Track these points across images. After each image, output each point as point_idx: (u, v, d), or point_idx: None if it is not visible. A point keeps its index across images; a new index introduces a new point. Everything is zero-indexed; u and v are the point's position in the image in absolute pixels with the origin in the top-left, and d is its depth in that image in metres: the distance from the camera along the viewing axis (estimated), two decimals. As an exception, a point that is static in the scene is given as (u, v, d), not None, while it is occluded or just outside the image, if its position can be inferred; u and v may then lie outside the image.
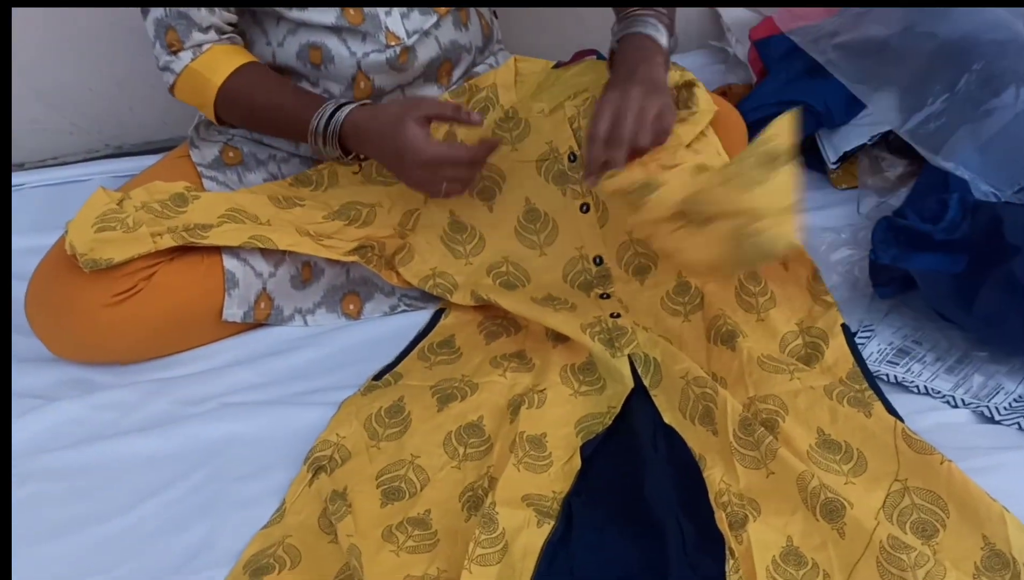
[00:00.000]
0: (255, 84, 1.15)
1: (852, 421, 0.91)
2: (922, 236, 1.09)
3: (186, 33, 1.13)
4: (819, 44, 1.32)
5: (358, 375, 1.10)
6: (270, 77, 1.16)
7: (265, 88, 1.15)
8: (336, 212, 1.18)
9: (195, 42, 1.14)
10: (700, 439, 0.94)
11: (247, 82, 1.15)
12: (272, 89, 1.15)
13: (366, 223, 1.15)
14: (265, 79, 1.16)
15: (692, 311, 1.08)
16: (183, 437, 1.04)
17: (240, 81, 1.14)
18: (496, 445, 0.97)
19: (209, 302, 1.13)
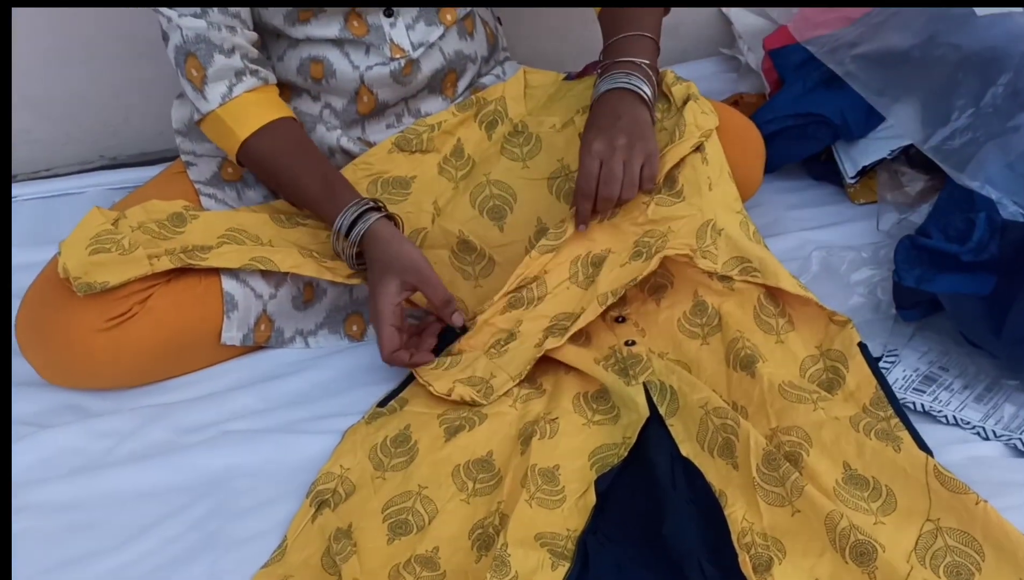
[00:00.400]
0: (280, 152, 1.10)
1: (880, 456, 0.87)
2: (948, 257, 1.06)
3: (207, 58, 1.07)
4: (837, 54, 1.28)
5: (362, 400, 1.07)
6: (298, 145, 1.11)
7: (290, 160, 1.10)
8: None
9: (220, 72, 1.07)
10: (720, 473, 0.91)
11: (272, 147, 1.10)
12: (298, 163, 1.10)
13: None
14: (292, 147, 1.10)
15: (710, 334, 1.04)
16: (182, 468, 1.00)
17: (265, 143, 1.09)
18: (507, 479, 0.93)
19: (207, 325, 1.09)
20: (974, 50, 1.18)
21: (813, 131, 1.30)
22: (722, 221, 1.04)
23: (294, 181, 1.10)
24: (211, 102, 1.08)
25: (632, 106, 1.06)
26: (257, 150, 1.10)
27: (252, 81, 1.09)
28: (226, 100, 1.08)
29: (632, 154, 1.02)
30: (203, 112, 1.10)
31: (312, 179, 1.09)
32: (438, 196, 1.16)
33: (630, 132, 1.03)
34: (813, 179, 1.36)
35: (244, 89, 1.08)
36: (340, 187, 1.09)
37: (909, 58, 1.22)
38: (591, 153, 1.03)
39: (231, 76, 1.08)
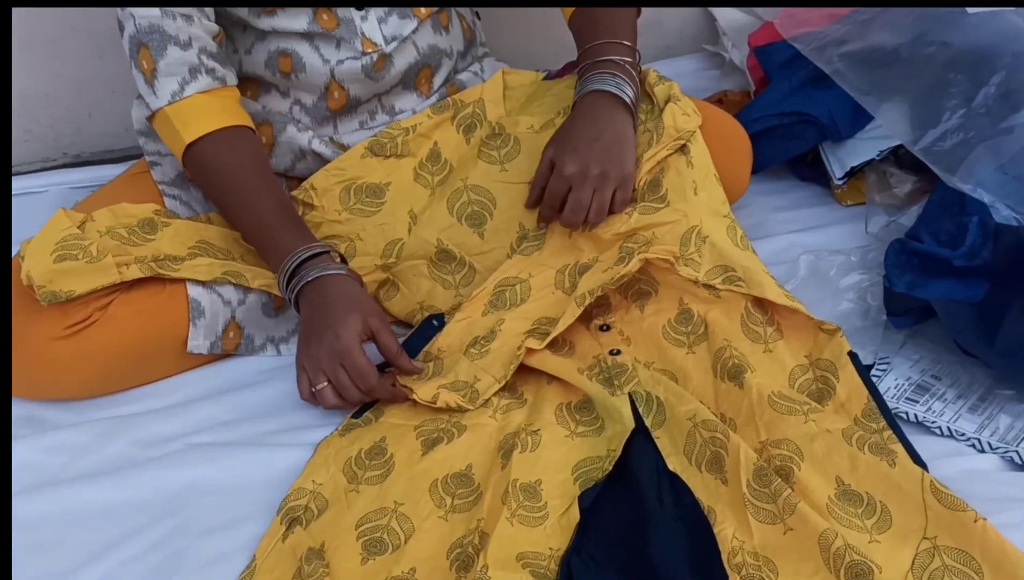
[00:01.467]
0: (226, 166, 1.02)
1: (874, 470, 0.84)
2: (939, 261, 1.03)
3: (160, 50, 1.01)
4: (824, 52, 1.25)
5: (335, 412, 1.02)
6: (250, 161, 1.03)
7: (236, 179, 1.02)
8: None
9: (173, 66, 1.01)
10: (708, 489, 0.87)
11: (217, 158, 1.02)
12: (245, 184, 1.02)
13: (346, 258, 1.06)
14: (241, 162, 1.03)
15: (696, 342, 1.00)
16: (143, 484, 0.95)
17: (210, 152, 1.02)
18: (487, 494, 0.89)
19: (172, 333, 1.04)
20: (965, 49, 1.15)
21: (800, 131, 1.27)
22: (708, 227, 1.01)
23: (237, 202, 1.03)
24: (160, 98, 1.02)
25: (615, 117, 1.03)
26: (201, 158, 1.02)
27: (207, 81, 1.02)
28: (176, 98, 1.02)
29: (605, 183, 1.00)
30: (152, 108, 1.03)
31: (262, 205, 1.02)
32: (414, 204, 1.11)
33: (606, 158, 1.00)
34: (799, 180, 1.33)
35: (197, 89, 1.02)
36: (293, 221, 1.02)
37: (898, 57, 1.19)
38: (562, 175, 1.00)
39: (184, 72, 1.02)
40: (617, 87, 1.03)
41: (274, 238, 1.01)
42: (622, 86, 1.03)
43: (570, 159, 1.00)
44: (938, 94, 1.14)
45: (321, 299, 0.97)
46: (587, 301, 0.99)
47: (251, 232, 1.05)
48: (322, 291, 0.98)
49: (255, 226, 1.03)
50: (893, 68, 1.19)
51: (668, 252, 0.99)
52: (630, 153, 1.02)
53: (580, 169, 0.99)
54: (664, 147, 1.02)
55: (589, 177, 0.99)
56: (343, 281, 0.99)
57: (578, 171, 0.99)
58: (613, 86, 1.03)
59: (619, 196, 1.01)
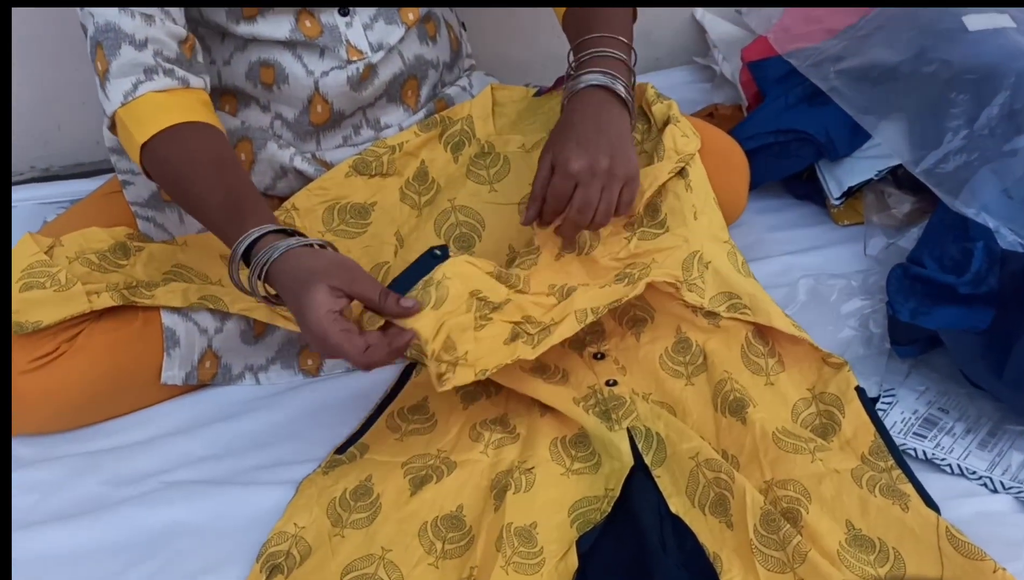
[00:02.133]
0: (183, 160, 0.91)
1: (886, 514, 0.80)
2: (944, 288, 1.00)
3: (113, 50, 0.91)
4: (821, 69, 1.22)
5: (319, 445, 0.98)
6: (208, 153, 0.92)
7: (193, 170, 0.91)
8: None
9: (126, 66, 0.92)
10: (713, 533, 0.83)
11: (174, 155, 0.91)
12: (202, 175, 0.91)
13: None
14: (199, 156, 0.92)
15: (695, 373, 0.96)
16: (116, 525, 0.90)
17: (164, 150, 0.91)
18: (480, 539, 0.84)
19: (145, 364, 1.00)
20: (966, 67, 1.12)
21: (796, 149, 1.24)
22: (709, 253, 0.97)
23: (196, 196, 0.91)
24: (112, 101, 0.92)
25: (613, 113, 0.95)
26: (154, 158, 0.91)
27: (165, 81, 0.92)
28: (128, 99, 0.91)
29: (612, 180, 0.92)
30: (107, 113, 0.93)
31: (214, 193, 0.90)
32: (400, 225, 1.07)
33: (613, 152, 0.92)
34: (794, 198, 1.30)
35: (152, 88, 0.91)
36: (247, 205, 0.89)
37: (897, 74, 1.16)
38: (567, 171, 0.91)
39: (138, 72, 0.92)
40: (612, 83, 0.95)
41: (225, 233, 0.90)
42: (616, 82, 0.95)
43: (575, 154, 0.91)
44: (939, 114, 1.11)
45: (282, 288, 0.86)
46: (588, 318, 0.93)
47: (207, 222, 0.93)
48: (278, 280, 0.86)
49: (209, 214, 0.92)
50: (892, 86, 1.16)
51: (671, 276, 0.95)
52: (633, 150, 0.95)
53: (587, 163, 0.90)
54: (665, 169, 0.98)
55: (598, 172, 0.90)
56: (290, 259, 0.85)
57: (585, 166, 0.90)
58: (608, 82, 0.95)
59: (626, 195, 0.93)
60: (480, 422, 0.97)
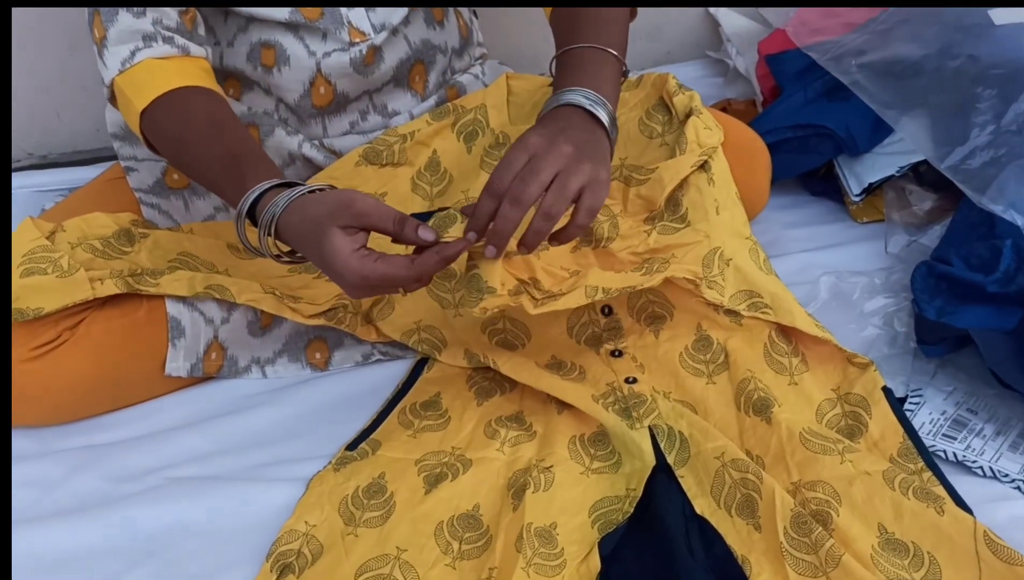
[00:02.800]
0: (184, 124, 0.88)
1: (921, 519, 0.78)
2: (971, 287, 0.97)
3: (111, 16, 0.89)
4: (842, 62, 1.19)
5: (328, 441, 0.94)
6: (209, 116, 0.89)
7: (195, 133, 0.87)
8: (304, 266, 1.01)
9: (124, 33, 0.89)
10: (741, 536, 0.80)
11: (175, 118, 0.88)
12: (203, 136, 0.87)
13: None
14: (200, 118, 0.88)
15: (716, 372, 0.94)
16: (117, 524, 0.86)
17: (163, 113, 0.88)
18: (498, 540, 0.81)
19: (149, 354, 0.96)
20: (993, 63, 1.09)
21: (815, 144, 1.21)
22: (730, 249, 0.94)
23: (196, 157, 0.88)
24: (110, 69, 0.89)
25: (594, 135, 0.83)
26: (157, 123, 0.88)
27: (164, 48, 0.90)
28: (126, 66, 0.89)
29: (575, 168, 0.78)
30: (106, 83, 0.90)
31: (213, 152, 0.86)
32: None
33: (583, 146, 0.80)
34: (811, 195, 1.27)
35: (150, 55, 0.89)
36: (248, 162, 0.84)
37: (922, 69, 1.14)
38: (523, 144, 0.79)
39: (137, 40, 0.89)
40: (593, 106, 0.83)
41: (227, 193, 0.86)
42: (598, 107, 0.84)
43: (535, 131, 0.80)
44: (965, 109, 1.08)
45: (297, 244, 0.82)
46: (598, 295, 0.87)
47: (211, 184, 0.89)
48: (290, 236, 0.81)
49: (210, 184, 0.89)
50: (916, 81, 1.13)
51: (691, 272, 0.92)
52: (607, 164, 0.82)
53: (548, 140, 0.78)
54: (687, 162, 0.95)
55: (559, 152, 0.78)
56: (294, 212, 0.80)
57: (545, 141, 0.78)
58: (589, 105, 0.84)
59: (587, 198, 0.78)
60: (495, 419, 0.94)
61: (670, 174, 0.96)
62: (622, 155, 1.00)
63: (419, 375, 1.01)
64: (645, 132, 1.01)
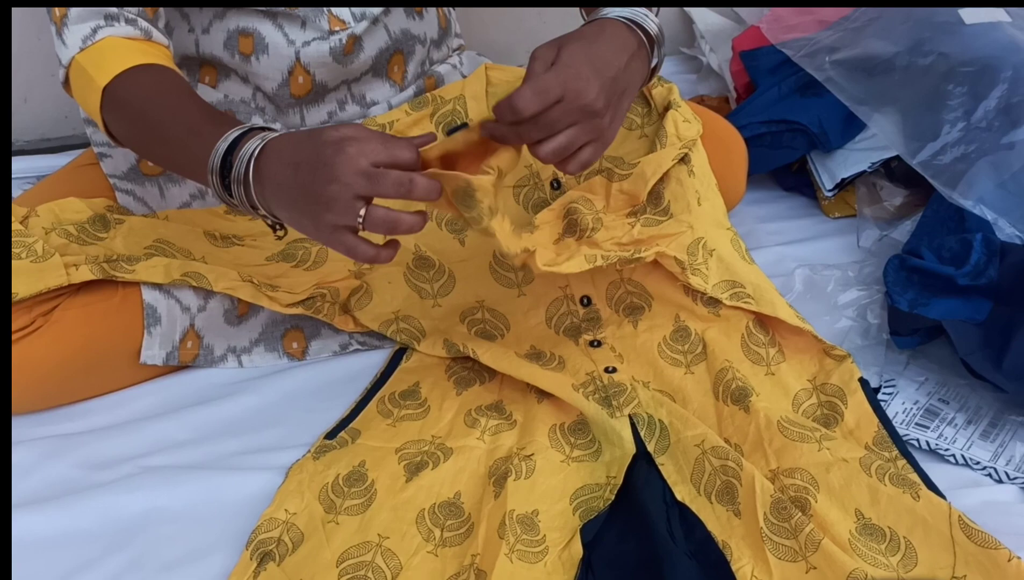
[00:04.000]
0: (145, 97, 0.84)
1: (897, 503, 0.79)
2: (942, 279, 0.99)
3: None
4: (815, 59, 1.21)
5: (307, 430, 0.94)
6: (171, 87, 0.85)
7: (156, 103, 0.83)
8: (281, 252, 1.00)
9: (86, 12, 0.86)
10: (721, 521, 0.81)
11: (135, 93, 0.84)
12: (166, 105, 0.83)
13: (316, 264, 0.97)
14: (163, 89, 0.84)
15: (694, 362, 0.94)
16: (91, 512, 0.85)
17: (126, 89, 0.84)
18: (480, 527, 0.81)
19: (123, 341, 0.95)
20: (963, 60, 1.11)
21: (788, 140, 1.22)
22: (712, 239, 0.95)
23: (159, 124, 0.83)
24: (70, 47, 0.86)
25: (636, 63, 0.80)
26: (118, 100, 0.84)
27: (126, 29, 0.87)
28: (87, 44, 0.85)
29: (590, 128, 0.76)
30: (64, 63, 0.87)
31: (178, 117, 0.81)
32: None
33: (612, 85, 0.76)
34: (784, 190, 1.29)
35: (113, 34, 0.86)
36: (216, 119, 0.80)
37: (893, 66, 1.16)
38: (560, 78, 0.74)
39: (98, 18, 0.86)
40: (643, 19, 0.81)
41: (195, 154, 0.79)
42: (647, 19, 0.81)
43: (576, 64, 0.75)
44: (936, 106, 1.10)
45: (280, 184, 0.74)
46: (597, 262, 0.87)
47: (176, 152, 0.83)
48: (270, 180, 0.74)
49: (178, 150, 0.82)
50: (888, 77, 1.16)
51: (680, 254, 0.93)
52: (632, 94, 0.81)
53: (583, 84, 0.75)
54: (668, 156, 0.96)
55: (585, 102, 0.75)
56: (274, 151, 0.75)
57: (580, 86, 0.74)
58: (640, 18, 0.80)
59: (584, 153, 0.78)
60: (475, 408, 0.94)
61: (652, 168, 0.96)
62: None
63: (398, 365, 1.00)
64: (624, 124, 1.02)
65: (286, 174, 0.74)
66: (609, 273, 0.99)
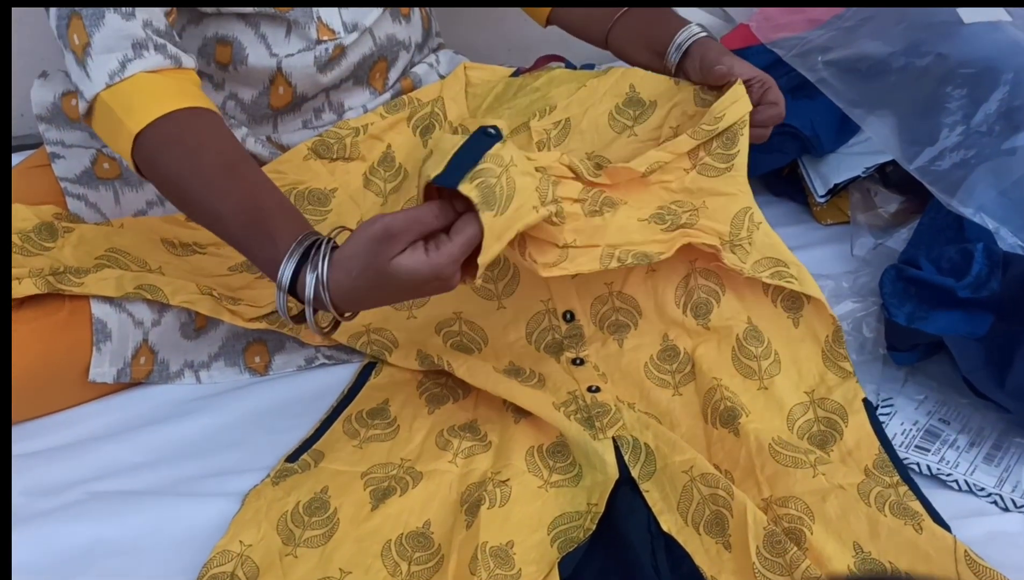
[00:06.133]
0: (190, 166, 0.77)
1: (898, 536, 0.74)
2: (941, 291, 0.94)
3: (95, 20, 0.79)
4: (808, 59, 1.15)
5: (267, 452, 0.88)
6: (215, 156, 0.79)
7: (205, 178, 0.77)
8: (245, 262, 0.94)
9: (112, 40, 0.79)
10: (710, 555, 0.76)
11: (178, 155, 0.78)
12: (215, 185, 0.77)
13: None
14: (206, 160, 0.78)
15: (683, 382, 0.89)
16: (35, 543, 0.79)
17: (165, 146, 0.78)
18: (451, 561, 0.76)
19: (71, 358, 0.89)
20: (962, 62, 1.06)
21: (779, 143, 1.17)
22: (759, 213, 0.89)
23: (208, 211, 0.78)
24: (95, 82, 0.79)
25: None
26: (155, 157, 0.79)
27: (156, 59, 0.80)
28: (115, 80, 0.79)
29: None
30: (87, 98, 0.81)
31: (232, 206, 0.76)
32: (364, 213, 0.98)
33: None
34: (773, 195, 1.24)
35: (143, 68, 0.80)
36: (275, 218, 0.75)
37: (889, 67, 1.11)
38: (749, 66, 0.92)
39: (126, 48, 0.80)
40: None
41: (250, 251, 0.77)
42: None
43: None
44: (934, 109, 1.05)
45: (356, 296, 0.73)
46: (612, 264, 0.81)
47: (229, 239, 0.79)
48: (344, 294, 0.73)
49: (227, 237, 0.79)
50: (883, 79, 1.10)
51: (715, 232, 0.86)
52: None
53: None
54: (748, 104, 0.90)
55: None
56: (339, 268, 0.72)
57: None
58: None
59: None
60: (447, 429, 0.88)
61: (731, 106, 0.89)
62: (589, 148, 0.95)
63: (366, 381, 0.95)
64: (615, 127, 0.96)
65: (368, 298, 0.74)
66: (597, 287, 0.93)
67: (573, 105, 0.96)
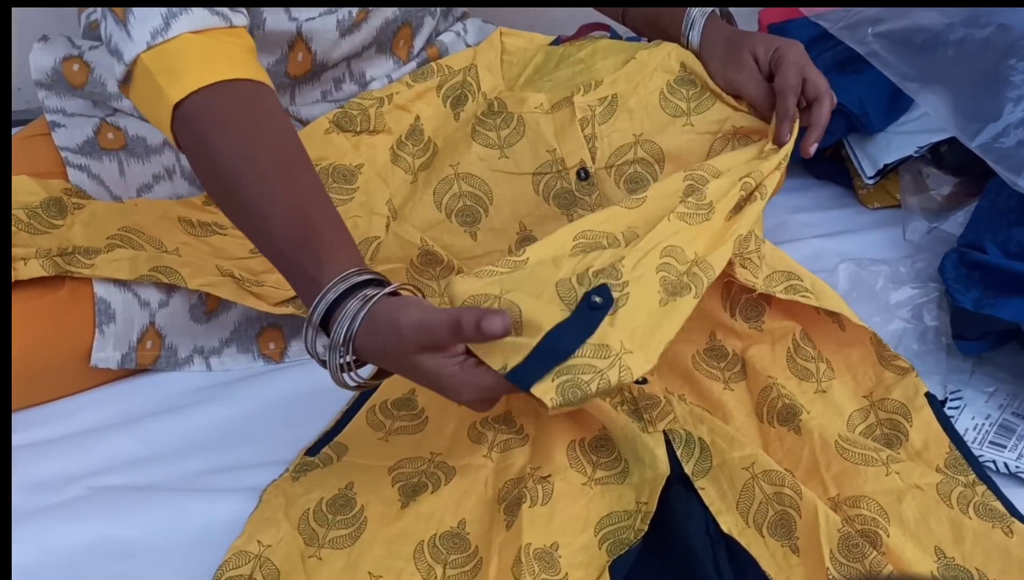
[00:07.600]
0: (240, 155, 0.68)
1: (987, 541, 0.67)
2: (1011, 276, 0.87)
3: None
4: (857, 32, 1.08)
5: (285, 445, 0.81)
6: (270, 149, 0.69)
7: (256, 174, 0.68)
8: None
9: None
10: (776, 559, 0.69)
11: (228, 138, 0.68)
12: (266, 183, 0.68)
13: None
14: (259, 152, 0.69)
15: (733, 379, 0.82)
16: (33, 542, 0.73)
17: (211, 126, 0.69)
18: (491, 564, 0.69)
19: (72, 341, 0.83)
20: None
21: (824, 122, 1.10)
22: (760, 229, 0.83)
23: (257, 208, 0.68)
24: (136, 42, 0.69)
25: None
26: (200, 136, 0.69)
27: (203, 16, 0.70)
28: (158, 40, 0.69)
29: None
30: (126, 61, 0.71)
31: (283, 212, 0.67)
32: (393, 193, 0.91)
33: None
34: (815, 178, 1.17)
35: (189, 27, 0.70)
36: (328, 237, 0.67)
37: (946, 39, 1.04)
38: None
39: (173, 22, 0.70)
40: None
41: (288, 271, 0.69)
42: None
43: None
44: (997, 83, 0.98)
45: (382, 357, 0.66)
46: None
47: (269, 250, 0.70)
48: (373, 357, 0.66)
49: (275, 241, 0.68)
50: (941, 52, 1.03)
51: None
52: None
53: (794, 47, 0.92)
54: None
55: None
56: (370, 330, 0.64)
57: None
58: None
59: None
60: (480, 420, 0.81)
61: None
62: (638, 130, 0.88)
63: (390, 369, 0.88)
64: (668, 109, 0.89)
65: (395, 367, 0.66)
66: None
67: (620, 80, 0.89)
